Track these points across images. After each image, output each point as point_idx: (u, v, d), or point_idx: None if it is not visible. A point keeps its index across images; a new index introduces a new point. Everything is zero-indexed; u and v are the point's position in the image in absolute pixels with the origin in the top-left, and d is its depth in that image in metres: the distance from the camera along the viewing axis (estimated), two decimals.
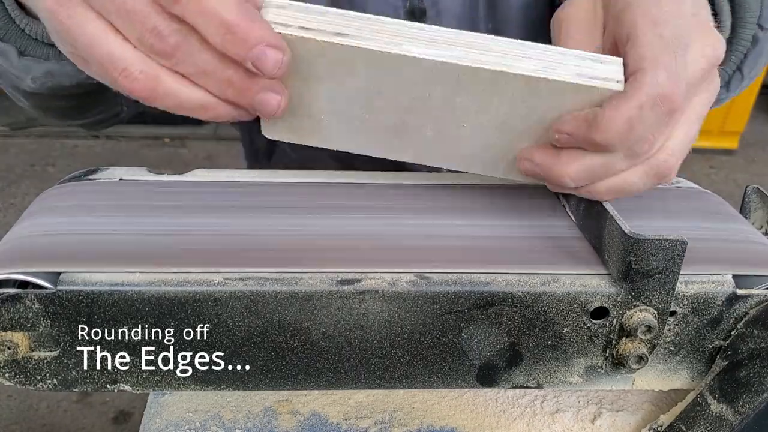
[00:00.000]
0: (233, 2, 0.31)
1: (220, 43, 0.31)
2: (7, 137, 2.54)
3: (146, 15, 0.31)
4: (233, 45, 0.31)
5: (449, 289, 0.34)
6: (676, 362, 0.37)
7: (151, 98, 0.33)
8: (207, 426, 0.40)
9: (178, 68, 0.32)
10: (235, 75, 0.33)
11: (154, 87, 0.32)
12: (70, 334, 0.33)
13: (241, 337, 0.34)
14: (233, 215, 0.40)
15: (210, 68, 0.32)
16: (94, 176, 0.44)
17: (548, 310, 0.35)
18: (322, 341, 0.35)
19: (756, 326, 0.36)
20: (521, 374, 0.37)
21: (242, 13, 0.31)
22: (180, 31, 0.31)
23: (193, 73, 0.33)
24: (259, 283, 0.33)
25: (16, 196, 2.16)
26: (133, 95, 0.33)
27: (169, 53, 0.32)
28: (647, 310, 0.35)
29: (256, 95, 0.34)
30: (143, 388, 0.36)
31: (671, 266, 0.33)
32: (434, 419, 0.42)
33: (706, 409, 0.37)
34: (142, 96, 0.33)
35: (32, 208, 0.40)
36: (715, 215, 0.44)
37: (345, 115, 0.38)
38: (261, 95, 0.34)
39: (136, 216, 0.39)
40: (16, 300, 0.32)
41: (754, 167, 2.63)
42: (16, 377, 0.35)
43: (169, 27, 0.31)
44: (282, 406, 0.42)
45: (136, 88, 0.32)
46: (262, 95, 0.34)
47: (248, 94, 0.34)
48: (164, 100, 0.33)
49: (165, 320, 0.33)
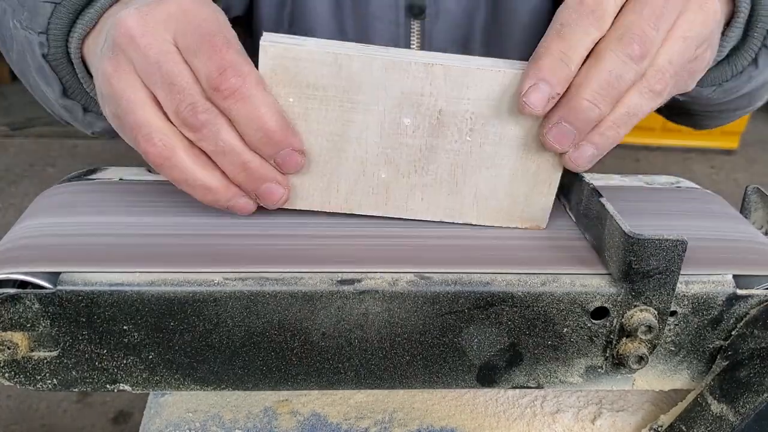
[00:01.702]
0: (277, 113, 0.35)
1: (255, 143, 0.35)
2: (7, 137, 2.54)
3: (188, 92, 0.34)
4: (266, 146, 0.35)
5: (449, 289, 0.34)
6: (677, 362, 0.37)
7: (162, 166, 0.35)
8: (207, 426, 0.40)
9: (202, 144, 0.35)
10: (253, 161, 0.35)
11: (169, 157, 0.35)
12: (70, 334, 0.33)
13: (241, 337, 0.34)
14: (233, 215, 0.40)
15: (230, 149, 0.35)
16: (94, 176, 0.44)
17: (548, 310, 0.35)
18: (322, 341, 0.35)
19: (756, 326, 0.36)
20: (521, 374, 0.37)
21: (282, 125, 0.35)
22: (213, 111, 0.34)
23: (214, 150, 0.35)
24: (259, 283, 0.33)
25: (16, 196, 2.16)
26: (148, 159, 0.35)
27: (198, 127, 0.34)
28: (647, 310, 0.34)
29: (264, 183, 0.36)
30: (143, 388, 0.36)
31: (671, 266, 0.33)
32: (434, 419, 0.42)
33: (707, 409, 0.37)
34: (154, 161, 0.35)
35: (32, 208, 0.40)
36: (715, 215, 0.44)
37: None
38: (269, 185, 0.36)
39: (136, 216, 0.39)
40: (16, 300, 0.32)
41: (754, 167, 2.63)
42: (16, 377, 0.35)
43: (204, 105, 0.34)
44: (282, 406, 0.42)
45: (152, 153, 0.34)
46: (271, 185, 0.37)
47: (258, 181, 0.36)
48: (172, 171, 0.35)
49: (165, 320, 0.33)
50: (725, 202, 0.46)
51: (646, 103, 0.36)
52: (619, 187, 0.47)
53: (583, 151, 0.36)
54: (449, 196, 0.39)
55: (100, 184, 0.43)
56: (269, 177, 0.36)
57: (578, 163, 0.37)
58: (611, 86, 0.34)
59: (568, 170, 0.38)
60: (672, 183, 0.49)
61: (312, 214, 0.40)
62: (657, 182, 0.48)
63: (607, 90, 0.34)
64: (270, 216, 0.40)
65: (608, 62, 0.34)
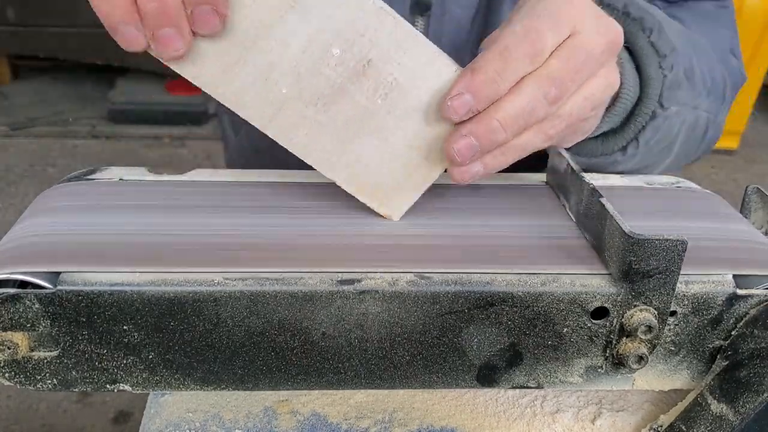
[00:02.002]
0: None
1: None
2: (7, 137, 2.54)
3: None
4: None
5: (449, 289, 0.34)
6: (677, 362, 0.37)
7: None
8: (207, 426, 0.40)
9: None
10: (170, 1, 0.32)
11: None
12: (70, 334, 0.33)
13: (241, 337, 0.34)
14: (233, 215, 0.40)
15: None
16: (94, 176, 0.44)
17: (548, 310, 0.35)
18: (322, 341, 0.35)
19: (756, 326, 0.36)
20: (521, 374, 0.37)
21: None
22: None
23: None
24: (259, 283, 0.33)
25: (16, 196, 2.16)
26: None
27: None
28: (647, 310, 0.34)
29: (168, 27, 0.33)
30: (143, 388, 0.36)
31: (671, 266, 0.33)
32: (434, 419, 0.42)
33: (707, 409, 0.37)
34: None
35: (32, 208, 0.40)
36: (715, 215, 0.44)
37: None
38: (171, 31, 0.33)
39: (136, 216, 0.39)
40: (16, 300, 0.32)
41: (754, 167, 2.63)
42: (16, 377, 0.35)
43: None
44: (282, 406, 0.42)
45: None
46: (173, 33, 0.33)
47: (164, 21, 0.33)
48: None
49: (165, 320, 0.33)
50: (725, 202, 0.46)
51: (538, 143, 0.40)
52: (619, 187, 0.47)
53: (472, 167, 0.38)
54: (332, 145, 0.39)
55: (100, 184, 0.43)
56: (176, 23, 0.33)
57: (464, 177, 0.39)
58: (522, 117, 0.37)
59: (565, 171, 0.38)
60: (672, 183, 0.48)
61: (312, 214, 0.40)
62: (657, 182, 0.48)
63: (518, 120, 0.37)
64: (270, 217, 0.40)
65: (528, 95, 0.37)
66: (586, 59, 0.38)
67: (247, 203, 0.41)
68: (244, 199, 0.42)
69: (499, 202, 0.44)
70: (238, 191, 0.43)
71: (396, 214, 0.41)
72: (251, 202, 0.42)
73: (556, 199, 0.44)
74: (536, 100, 0.37)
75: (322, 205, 0.41)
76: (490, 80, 0.36)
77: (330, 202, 0.42)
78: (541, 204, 0.44)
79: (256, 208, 0.41)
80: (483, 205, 0.43)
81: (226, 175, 0.45)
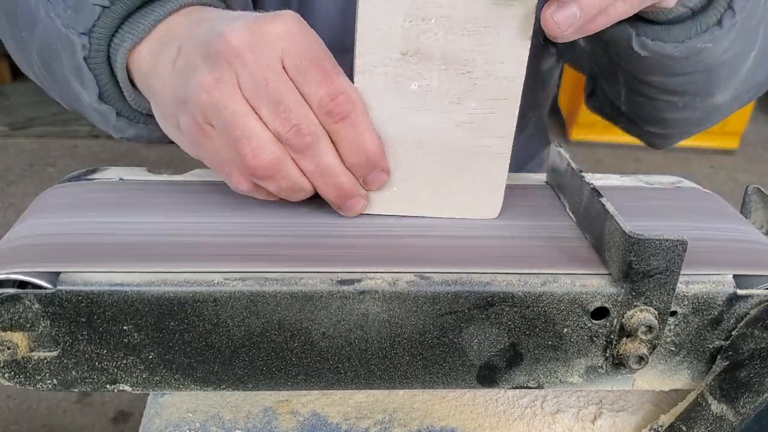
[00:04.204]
0: (377, 138, 0.37)
1: (353, 164, 0.37)
2: (7, 137, 2.54)
3: (294, 111, 0.35)
4: (363, 168, 0.37)
5: (449, 289, 0.34)
6: (677, 362, 0.37)
7: (272, 177, 0.36)
8: (207, 426, 0.40)
9: (301, 162, 0.36)
10: (347, 182, 0.38)
11: (280, 169, 0.36)
12: (70, 334, 0.33)
13: (241, 337, 0.34)
14: (233, 215, 0.40)
15: (329, 170, 0.37)
16: (94, 176, 0.44)
17: (548, 310, 0.35)
18: (322, 341, 0.35)
19: (756, 326, 0.36)
20: (521, 374, 0.37)
21: (380, 149, 0.37)
22: (316, 134, 0.35)
23: (312, 171, 0.37)
24: (259, 283, 0.33)
25: (16, 196, 2.16)
26: (255, 170, 0.36)
27: (301, 148, 0.35)
28: (648, 310, 0.34)
29: (350, 199, 0.39)
30: (143, 388, 0.36)
31: (672, 266, 0.33)
32: (434, 419, 0.42)
33: (707, 409, 0.37)
34: (264, 173, 0.36)
35: (32, 208, 0.40)
36: (715, 215, 0.44)
37: None
38: (354, 199, 0.39)
39: (136, 216, 0.39)
40: (15, 300, 0.32)
41: (754, 167, 2.63)
42: (15, 377, 0.35)
43: (309, 127, 0.35)
44: (282, 407, 0.42)
45: (262, 165, 0.35)
46: (355, 200, 0.39)
47: (346, 197, 0.38)
48: (281, 181, 0.37)
49: (165, 320, 0.33)
50: (725, 202, 0.46)
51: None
52: (619, 187, 0.47)
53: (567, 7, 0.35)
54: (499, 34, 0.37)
55: (100, 184, 0.43)
56: (355, 193, 0.38)
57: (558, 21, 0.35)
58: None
59: (565, 171, 0.38)
60: (672, 183, 0.48)
61: (312, 214, 0.40)
62: (657, 182, 0.48)
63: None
64: (270, 217, 0.40)
65: None
66: None
67: (246, 203, 0.41)
68: (243, 199, 0.42)
69: None
70: None
71: None
72: (251, 201, 0.42)
73: (556, 199, 0.44)
74: None
75: (322, 204, 0.41)
76: None
77: None
78: (541, 204, 0.44)
79: (255, 208, 0.41)
80: None
81: None
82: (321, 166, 0.36)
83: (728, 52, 0.49)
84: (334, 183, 0.37)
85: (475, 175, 0.40)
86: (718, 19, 0.47)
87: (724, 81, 0.52)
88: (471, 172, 0.40)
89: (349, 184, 0.38)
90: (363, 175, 0.38)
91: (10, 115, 2.67)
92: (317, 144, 0.35)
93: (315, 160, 0.36)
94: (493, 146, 0.39)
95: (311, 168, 0.36)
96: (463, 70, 0.37)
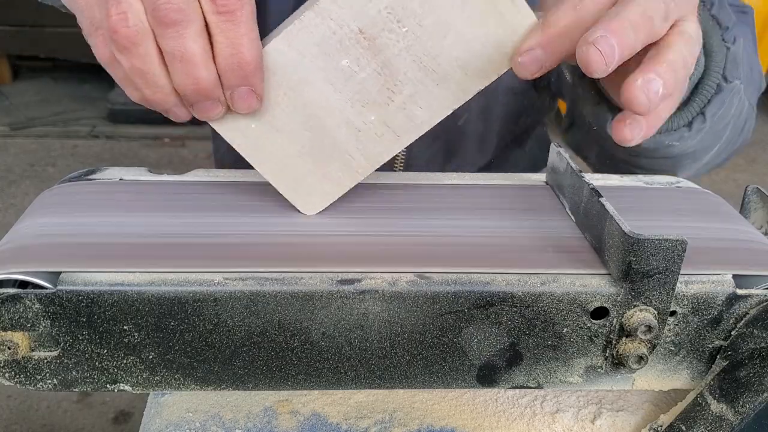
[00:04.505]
0: (258, 49, 0.34)
1: (223, 66, 0.34)
2: (7, 137, 2.54)
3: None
4: (232, 74, 0.34)
5: (449, 289, 0.34)
6: (676, 362, 0.37)
7: (126, 50, 0.33)
8: (207, 426, 0.40)
9: (164, 41, 0.33)
10: (207, 79, 0.34)
11: (137, 41, 0.33)
12: (70, 333, 0.33)
13: (241, 336, 0.34)
14: (233, 215, 0.40)
15: (190, 58, 0.33)
16: (94, 176, 0.44)
17: (548, 310, 0.35)
18: (322, 341, 0.35)
19: (756, 326, 0.36)
20: (521, 374, 0.37)
21: (258, 63, 0.34)
22: (189, 13, 0.32)
23: (171, 52, 0.33)
24: (259, 283, 0.33)
25: (16, 196, 2.16)
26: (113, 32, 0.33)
27: (168, 23, 0.32)
28: (647, 310, 0.34)
29: (206, 101, 0.35)
30: (143, 388, 0.36)
31: (671, 266, 0.33)
32: (434, 419, 0.42)
33: (706, 409, 0.37)
34: (121, 43, 0.33)
35: (32, 208, 0.40)
36: (715, 215, 0.44)
37: None
38: (211, 103, 0.35)
39: (136, 216, 0.39)
40: (16, 300, 0.32)
41: (754, 167, 2.62)
42: (16, 377, 0.35)
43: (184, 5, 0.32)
44: (282, 406, 0.42)
45: (121, 33, 0.32)
46: (212, 104, 0.36)
47: (202, 96, 0.35)
48: (134, 59, 0.33)
49: (165, 320, 0.33)
50: (725, 202, 0.46)
51: None
52: (619, 187, 0.47)
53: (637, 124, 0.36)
54: (438, 86, 0.38)
55: (100, 184, 0.43)
56: (213, 95, 0.35)
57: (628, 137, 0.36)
58: None
59: (565, 171, 0.38)
60: (672, 183, 0.48)
61: (312, 215, 0.40)
62: (657, 182, 0.48)
63: None
64: (270, 217, 0.40)
65: None
66: None
67: (246, 203, 0.41)
68: (243, 199, 0.42)
69: (499, 202, 0.44)
70: (237, 191, 0.43)
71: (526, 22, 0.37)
72: (251, 202, 0.42)
73: (556, 199, 0.44)
74: None
75: None
76: None
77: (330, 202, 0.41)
78: (541, 204, 0.44)
79: (255, 208, 0.41)
80: (483, 205, 0.43)
81: (225, 175, 0.45)
82: (182, 50, 0.33)
83: (694, 147, 0.52)
84: (192, 74, 0.34)
85: (326, 171, 0.40)
86: (689, 122, 0.50)
87: (687, 166, 0.55)
88: (325, 168, 0.40)
89: (209, 81, 0.34)
90: (231, 86, 0.35)
91: (10, 115, 2.66)
92: (186, 25, 0.32)
93: (178, 41, 0.33)
94: (357, 161, 0.39)
95: (170, 48, 0.33)
96: (390, 85, 0.37)
